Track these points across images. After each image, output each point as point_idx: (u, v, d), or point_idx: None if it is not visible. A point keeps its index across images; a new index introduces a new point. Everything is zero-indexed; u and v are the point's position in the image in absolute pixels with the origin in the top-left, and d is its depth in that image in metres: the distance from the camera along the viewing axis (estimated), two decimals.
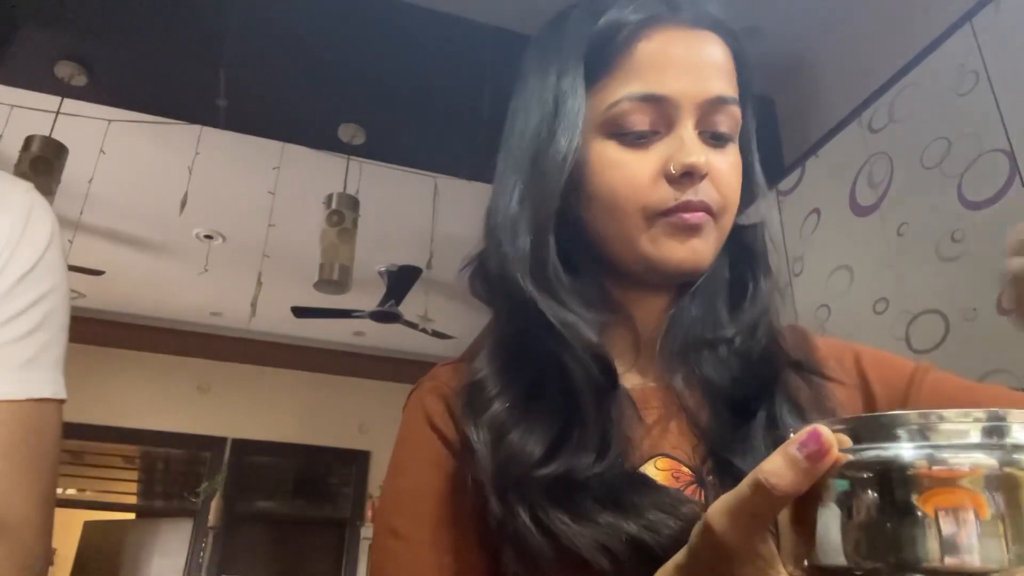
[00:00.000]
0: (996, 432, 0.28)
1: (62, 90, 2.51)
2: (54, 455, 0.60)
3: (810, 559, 0.30)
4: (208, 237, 4.12)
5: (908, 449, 0.28)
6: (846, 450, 0.30)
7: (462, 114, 2.45)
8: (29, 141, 2.60)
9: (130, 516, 5.42)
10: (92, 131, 3.06)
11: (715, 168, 0.55)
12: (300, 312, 4.20)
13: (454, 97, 2.50)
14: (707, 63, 0.56)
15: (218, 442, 5.15)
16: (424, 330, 4.30)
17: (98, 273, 3.98)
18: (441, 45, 2.53)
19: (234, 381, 5.34)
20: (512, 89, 0.64)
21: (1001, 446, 0.27)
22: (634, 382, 0.57)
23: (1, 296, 0.59)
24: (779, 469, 0.30)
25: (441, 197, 3.51)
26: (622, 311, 0.59)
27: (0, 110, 2.99)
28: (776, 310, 0.59)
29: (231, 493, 5.00)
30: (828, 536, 0.29)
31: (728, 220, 0.57)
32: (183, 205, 3.00)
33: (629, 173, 0.54)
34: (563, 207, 0.57)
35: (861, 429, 0.30)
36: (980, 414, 0.28)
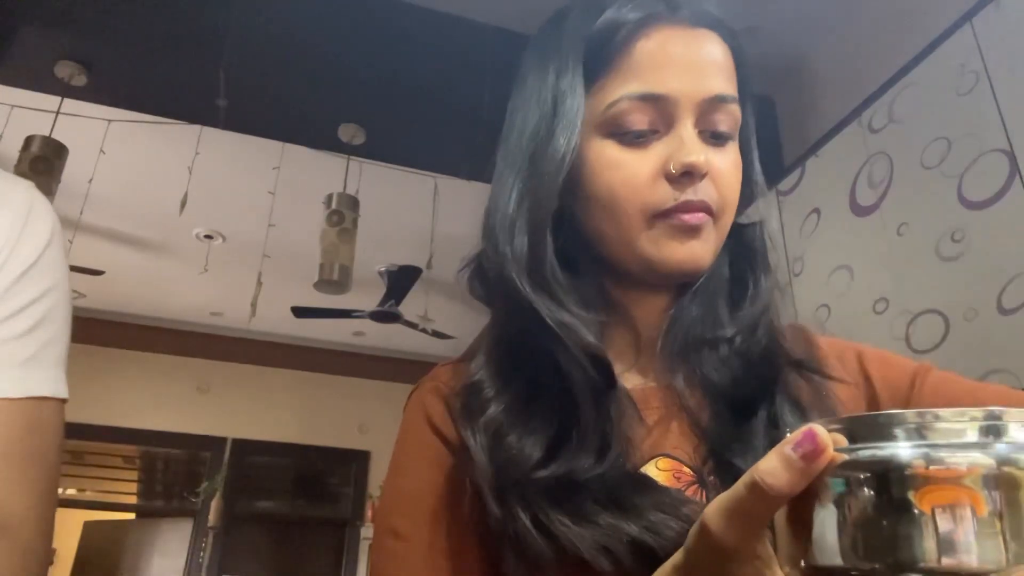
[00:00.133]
0: (993, 431, 0.27)
1: (62, 90, 2.51)
2: (55, 455, 0.60)
3: (807, 559, 0.30)
4: (208, 237, 4.12)
5: (905, 448, 0.28)
6: (842, 449, 0.29)
7: (462, 114, 2.44)
8: (29, 141, 2.59)
9: (130, 516, 5.42)
10: (92, 131, 3.06)
11: (715, 167, 0.54)
12: (300, 312, 4.19)
13: (454, 97, 2.49)
14: (706, 61, 0.55)
15: (218, 442, 5.14)
16: (424, 330, 4.30)
17: (98, 273, 3.98)
18: (441, 45, 2.52)
19: (234, 381, 5.34)
20: (511, 89, 0.64)
21: (998, 445, 0.27)
22: (634, 382, 0.57)
23: (1, 293, 0.58)
24: (775, 469, 0.29)
25: (441, 197, 3.51)
26: (621, 311, 0.59)
27: (0, 110, 2.99)
28: (777, 309, 0.59)
29: (231, 493, 4.99)
30: (825, 536, 0.29)
31: (728, 219, 0.57)
32: (183, 205, 3.00)
33: (628, 173, 0.54)
34: (562, 207, 0.56)
35: (857, 428, 0.30)
36: (977, 413, 0.28)
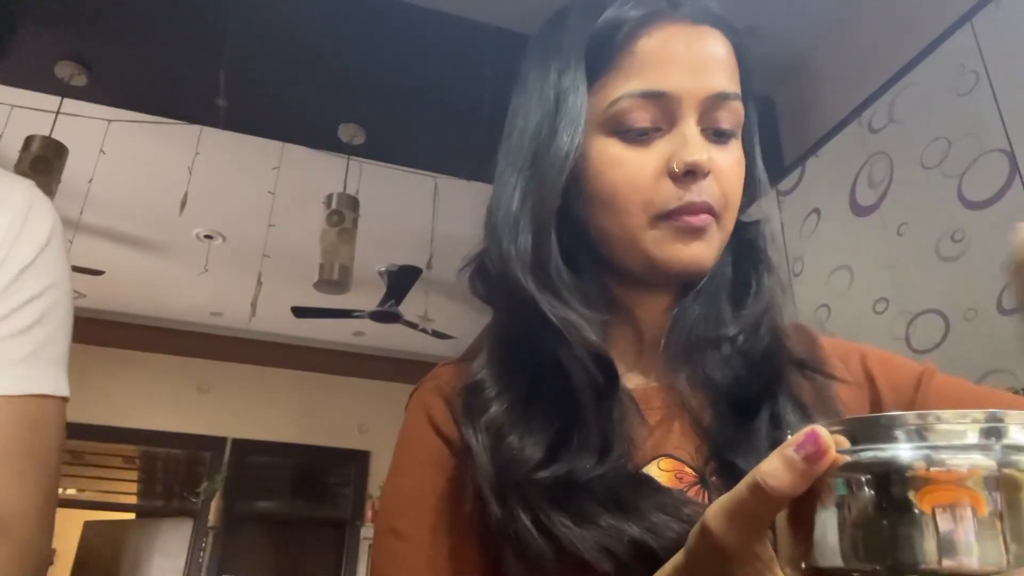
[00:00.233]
0: (994, 433, 0.27)
1: (62, 90, 2.51)
2: (55, 453, 0.59)
3: (808, 561, 0.30)
4: (208, 237, 4.12)
5: (906, 450, 0.28)
6: (844, 451, 0.29)
7: (462, 114, 2.44)
8: (29, 141, 2.59)
9: (130, 516, 5.43)
10: (92, 131, 3.06)
11: (718, 165, 0.54)
12: (300, 312, 4.19)
13: (454, 97, 2.49)
14: (709, 59, 0.55)
15: (218, 442, 5.14)
16: (424, 330, 4.29)
17: (98, 273, 3.98)
18: (441, 45, 2.52)
19: (234, 381, 5.33)
20: (512, 89, 0.64)
21: (999, 447, 0.27)
22: (636, 382, 0.57)
23: (0, 291, 0.58)
24: (776, 470, 0.29)
25: (441, 197, 3.51)
26: (624, 311, 0.59)
27: (0, 110, 2.99)
28: (779, 307, 0.59)
29: (231, 493, 4.99)
30: (826, 538, 0.29)
31: (731, 218, 0.56)
32: (183, 205, 3.00)
33: (631, 171, 0.54)
34: (564, 205, 0.56)
35: (859, 430, 0.30)
36: (978, 415, 0.28)
